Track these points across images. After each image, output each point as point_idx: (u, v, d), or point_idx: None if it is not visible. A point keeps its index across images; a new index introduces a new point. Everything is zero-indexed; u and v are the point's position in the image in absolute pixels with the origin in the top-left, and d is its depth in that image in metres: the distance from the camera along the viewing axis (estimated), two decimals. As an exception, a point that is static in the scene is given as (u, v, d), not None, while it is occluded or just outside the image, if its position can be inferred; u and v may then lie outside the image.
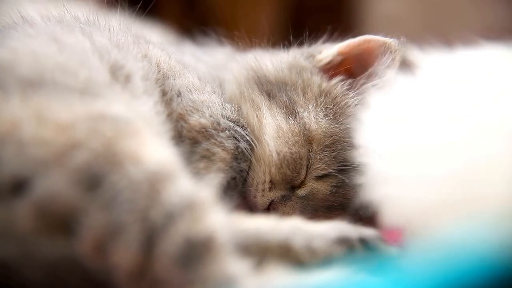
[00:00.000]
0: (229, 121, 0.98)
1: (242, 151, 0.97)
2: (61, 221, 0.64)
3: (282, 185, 0.99)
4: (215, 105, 0.98)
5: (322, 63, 1.05)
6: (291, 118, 1.00)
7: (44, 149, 0.67)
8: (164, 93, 0.94)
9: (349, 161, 0.95)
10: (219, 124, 0.96)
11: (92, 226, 0.64)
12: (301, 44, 1.10)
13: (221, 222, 0.69)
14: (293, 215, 0.92)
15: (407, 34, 1.03)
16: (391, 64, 1.00)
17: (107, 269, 0.64)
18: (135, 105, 0.83)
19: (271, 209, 0.99)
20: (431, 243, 0.71)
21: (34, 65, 0.77)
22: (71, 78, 0.77)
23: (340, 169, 0.98)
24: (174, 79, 0.97)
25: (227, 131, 0.96)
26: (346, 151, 0.97)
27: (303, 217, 0.85)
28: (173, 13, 2.39)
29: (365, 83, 1.02)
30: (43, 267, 0.64)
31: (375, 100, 0.88)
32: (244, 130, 0.99)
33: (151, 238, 0.65)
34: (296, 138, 0.98)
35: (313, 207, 0.99)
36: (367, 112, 0.87)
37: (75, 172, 0.66)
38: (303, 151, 0.98)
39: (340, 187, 0.99)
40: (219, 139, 0.95)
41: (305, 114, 1.00)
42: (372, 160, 0.82)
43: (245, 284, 0.67)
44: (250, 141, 0.99)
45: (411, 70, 0.92)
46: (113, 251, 0.64)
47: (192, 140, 0.93)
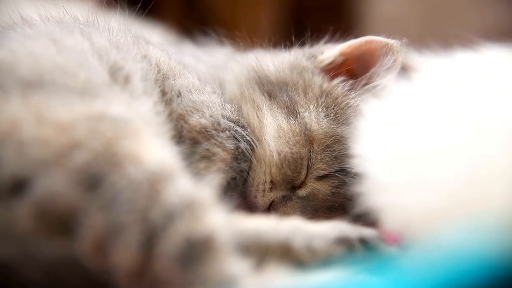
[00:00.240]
0: (230, 121, 0.98)
1: (242, 151, 0.97)
2: (61, 221, 0.64)
3: (282, 185, 0.99)
4: (215, 105, 0.98)
5: (323, 64, 1.05)
6: (292, 118, 1.00)
7: (44, 149, 0.67)
8: (164, 94, 0.94)
9: (350, 162, 0.95)
10: (219, 124, 0.96)
11: (92, 226, 0.64)
12: (302, 44, 1.10)
13: (221, 222, 0.69)
14: (293, 215, 0.92)
15: (407, 34, 1.03)
16: (393, 65, 1.00)
17: (107, 269, 0.64)
18: (134, 106, 0.83)
19: (271, 209, 0.99)
20: (431, 243, 0.71)
21: (33, 66, 0.77)
22: (71, 79, 0.77)
23: (340, 169, 0.98)
24: (174, 80, 0.96)
25: (227, 132, 0.96)
26: (346, 151, 0.97)
27: (304, 217, 0.85)
28: (173, 13, 2.39)
29: (367, 84, 1.02)
30: (43, 267, 0.64)
31: (373, 105, 0.88)
32: (244, 130, 0.99)
33: (151, 238, 0.65)
34: (297, 138, 0.98)
35: (313, 208, 0.99)
36: (365, 118, 0.87)
37: (75, 172, 0.66)
38: (304, 151, 0.98)
39: (340, 187, 0.99)
40: (219, 140, 0.95)
41: (306, 114, 1.00)
42: (371, 167, 0.82)
43: (245, 284, 0.67)
44: (250, 141, 0.99)
45: (410, 74, 0.92)
46: (113, 251, 0.64)
47: (192, 140, 0.93)
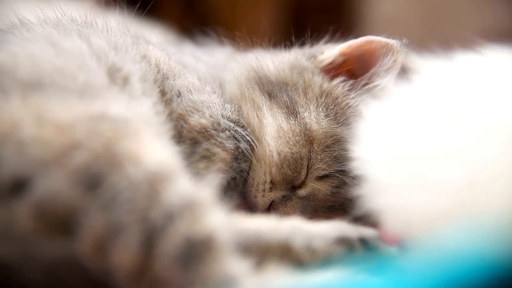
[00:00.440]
0: (229, 121, 0.98)
1: (242, 152, 0.97)
2: (61, 221, 0.64)
3: (282, 185, 0.99)
4: (215, 105, 0.98)
5: (323, 64, 1.05)
6: (292, 118, 1.00)
7: (44, 150, 0.67)
8: (163, 94, 0.94)
9: (350, 163, 0.95)
10: (219, 124, 0.96)
11: (92, 226, 0.64)
12: (302, 44, 1.10)
13: (221, 222, 0.69)
14: (293, 215, 0.92)
15: (407, 34, 1.03)
16: (393, 65, 1.00)
17: (107, 269, 0.64)
18: (134, 106, 0.83)
19: (271, 209, 0.99)
20: (431, 243, 0.71)
21: (33, 68, 0.78)
22: (70, 81, 0.78)
23: (340, 169, 0.98)
24: (174, 80, 0.96)
25: (227, 132, 0.96)
26: (346, 151, 0.97)
27: (304, 217, 0.85)
28: (173, 13, 2.39)
29: (367, 84, 1.02)
30: (43, 267, 0.64)
31: (373, 107, 0.88)
32: (244, 130, 0.99)
33: (151, 238, 0.65)
34: (297, 138, 0.98)
35: (313, 207, 0.99)
36: (365, 120, 0.87)
37: (75, 172, 0.66)
38: (304, 151, 0.98)
39: (340, 187, 0.99)
40: (219, 140, 0.94)
41: (306, 114, 1.00)
42: (371, 169, 0.82)
43: (245, 284, 0.67)
44: (250, 141, 0.99)
45: (410, 76, 0.92)
46: (113, 251, 0.64)
47: (192, 140, 0.93)
